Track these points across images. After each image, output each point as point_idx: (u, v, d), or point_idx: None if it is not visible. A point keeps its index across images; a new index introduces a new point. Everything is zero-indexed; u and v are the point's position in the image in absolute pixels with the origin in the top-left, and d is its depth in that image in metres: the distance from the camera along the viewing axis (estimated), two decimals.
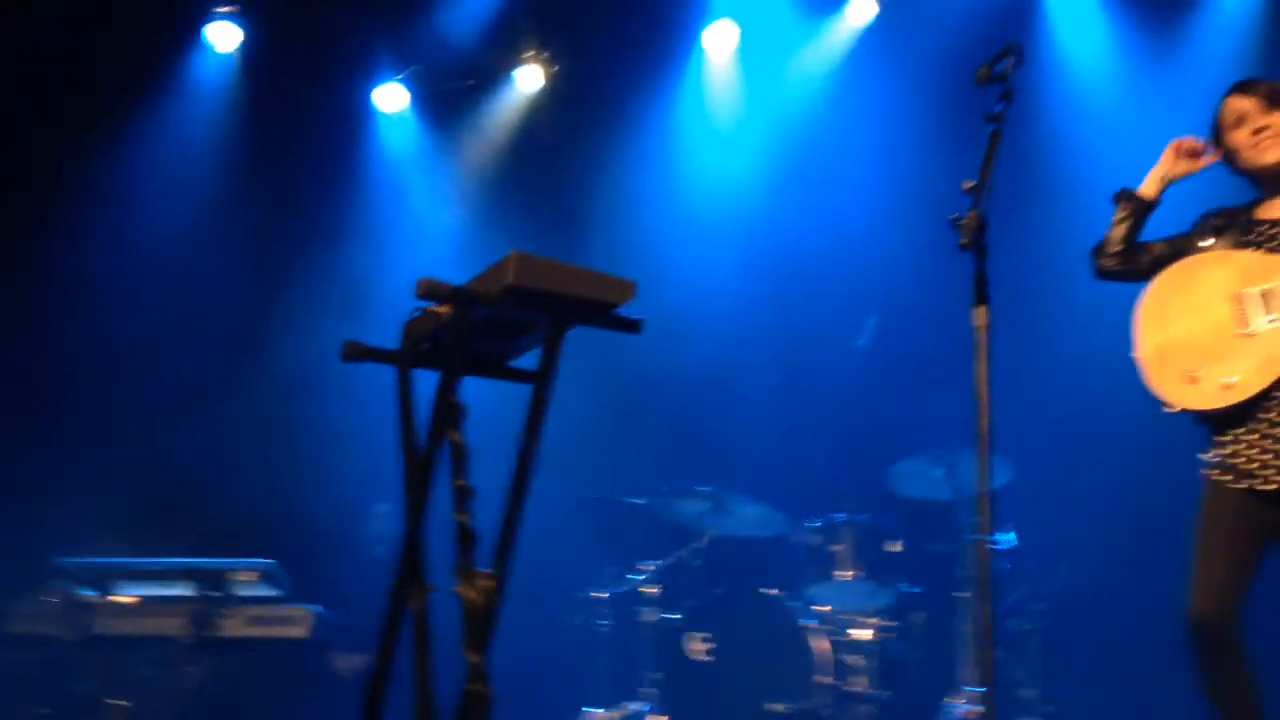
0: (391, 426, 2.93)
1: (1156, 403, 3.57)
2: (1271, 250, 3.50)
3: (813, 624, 5.75)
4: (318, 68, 7.47)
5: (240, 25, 7.36)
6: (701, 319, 6.87)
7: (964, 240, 3.08)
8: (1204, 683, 3.42)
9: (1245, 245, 3.56)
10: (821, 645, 5.70)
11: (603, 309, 2.81)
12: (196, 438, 6.98)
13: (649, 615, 6.06)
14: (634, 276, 2.84)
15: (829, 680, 5.63)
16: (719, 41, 7.27)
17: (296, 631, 5.72)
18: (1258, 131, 3.56)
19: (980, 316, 3.07)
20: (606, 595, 6.25)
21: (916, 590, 6.02)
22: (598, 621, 6.22)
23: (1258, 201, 3.64)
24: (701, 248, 7.10)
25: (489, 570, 2.74)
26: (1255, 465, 3.45)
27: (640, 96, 7.42)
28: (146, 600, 5.66)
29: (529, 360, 2.99)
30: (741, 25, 7.23)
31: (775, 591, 5.89)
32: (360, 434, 6.47)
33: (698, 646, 5.85)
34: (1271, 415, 3.44)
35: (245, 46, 7.41)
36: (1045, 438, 5.42)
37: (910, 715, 5.83)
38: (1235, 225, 3.62)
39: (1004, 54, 3.25)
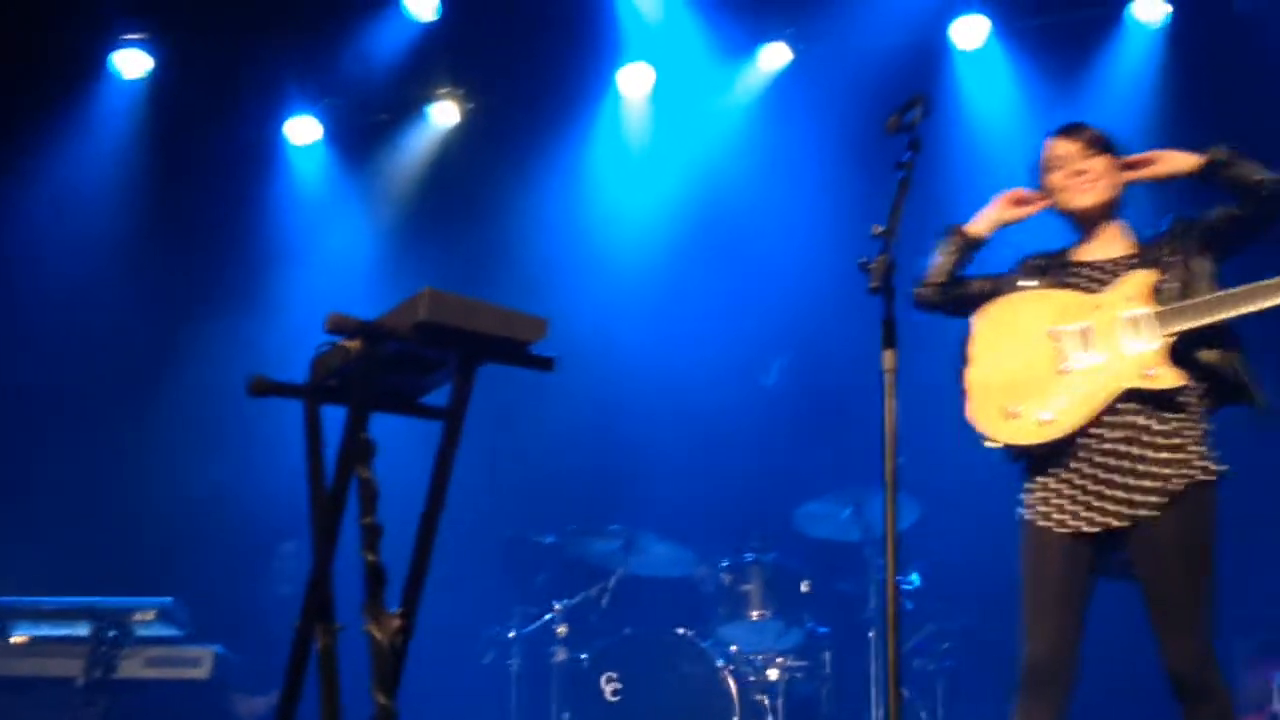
0: (298, 462, 2.89)
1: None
2: (1088, 290, 3.57)
3: (722, 663, 5.75)
4: (228, 97, 7.38)
5: (149, 52, 7.25)
6: (613, 357, 6.88)
7: (874, 284, 3.11)
8: None
9: (1065, 286, 3.62)
10: (731, 685, 5.70)
11: (515, 346, 2.80)
12: (95, 472, 6.83)
13: (559, 654, 6.03)
14: (546, 313, 2.84)
15: None
16: (634, 82, 7.32)
17: (197, 673, 5.58)
18: (1076, 175, 3.62)
19: (889, 359, 3.10)
20: (515, 635, 6.21)
21: (825, 630, 6.05)
22: (507, 661, 6.18)
23: (1076, 244, 3.70)
24: (614, 286, 7.12)
25: (398, 609, 2.70)
26: (1072, 506, 3.45)
27: (554, 134, 7.43)
28: (40, 641, 5.50)
29: (439, 396, 2.97)
30: (657, 67, 7.28)
31: (685, 631, 5.88)
32: (264, 470, 6.38)
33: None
34: (1089, 455, 3.44)
35: (154, 74, 7.29)
36: (951, 478, 5.49)
37: None
38: (1054, 267, 3.68)
39: (912, 104, 3.31)
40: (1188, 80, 6.62)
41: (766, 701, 5.77)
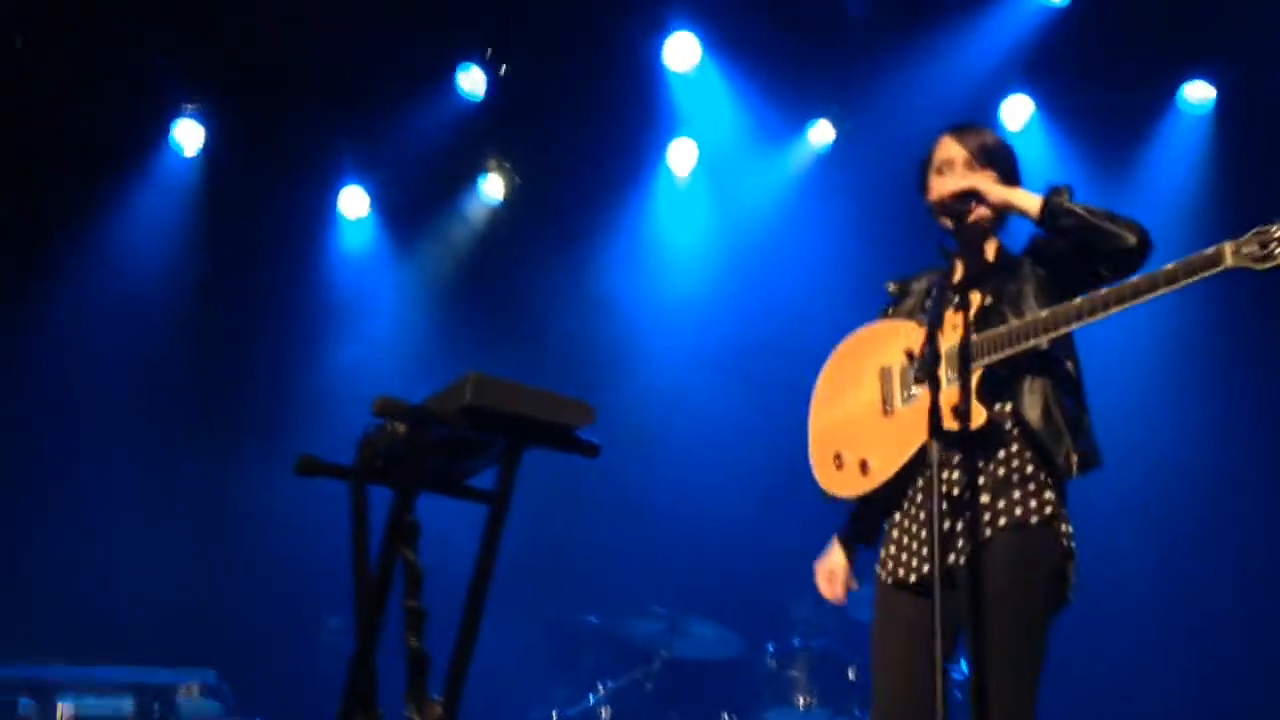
0: (344, 540, 2.89)
1: None
2: (923, 321, 3.22)
3: None
4: (282, 169, 7.48)
5: (202, 123, 7.35)
6: (661, 438, 6.87)
7: (919, 375, 3.08)
8: None
9: (920, 311, 3.34)
10: None
11: (561, 431, 2.79)
12: (143, 543, 6.86)
13: None
14: (590, 393, 2.83)
15: None
16: (681, 158, 7.37)
17: None
18: (956, 191, 3.23)
19: (934, 450, 2.87)
20: (558, 717, 6.15)
21: None
22: None
23: (951, 260, 3.29)
24: (663, 365, 7.12)
25: (440, 696, 2.68)
26: (906, 556, 3.20)
27: (600, 212, 7.49)
28: (85, 716, 5.50)
29: (485, 479, 2.96)
30: (701, 144, 7.32)
31: (730, 716, 5.81)
32: (312, 545, 6.39)
33: None
34: (917, 502, 3.19)
35: (210, 146, 7.38)
36: None
37: None
38: (916, 292, 3.42)
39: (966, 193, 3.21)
40: (1235, 160, 6.59)
41: None
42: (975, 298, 3.20)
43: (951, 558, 3.07)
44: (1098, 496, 3.85)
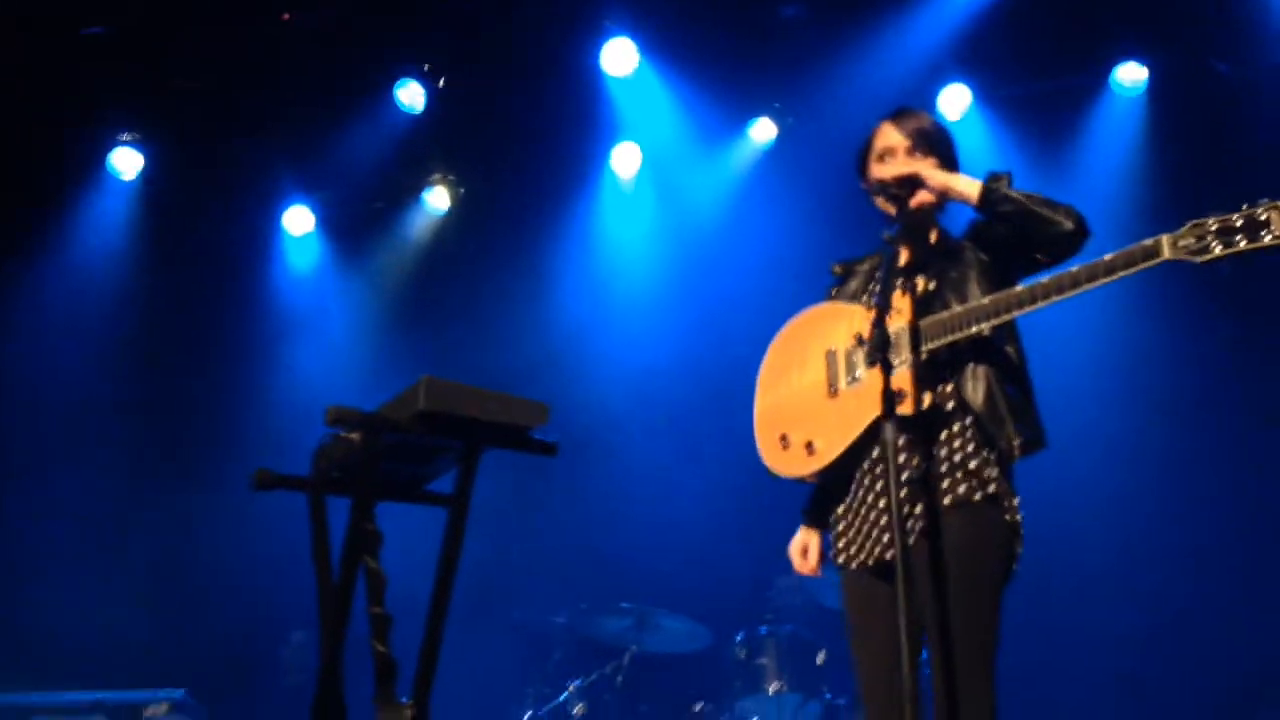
0: (304, 550, 2.90)
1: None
2: (872, 305, 3.27)
3: None
4: (223, 191, 7.48)
5: (141, 151, 7.34)
6: (616, 434, 6.90)
7: (868, 358, 3.10)
8: None
9: (864, 293, 3.40)
10: None
11: (516, 432, 2.81)
12: (103, 567, 6.82)
13: None
14: (546, 393, 2.86)
15: None
16: (625, 162, 7.41)
17: None
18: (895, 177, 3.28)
19: (889, 431, 2.90)
20: (530, 716, 6.17)
21: (843, 701, 6.00)
22: None
23: (895, 244, 3.26)
24: (617, 364, 7.15)
25: (409, 699, 2.70)
26: (858, 538, 3.24)
27: (546, 217, 7.53)
28: None
29: (444, 484, 2.98)
30: (645, 146, 7.37)
31: (702, 706, 5.84)
32: (271, 561, 6.37)
33: None
34: (865, 484, 3.23)
35: (147, 172, 7.38)
36: None
37: None
38: (861, 273, 3.47)
39: (905, 180, 3.25)
40: (1170, 143, 6.70)
41: None
42: (919, 283, 3.25)
43: (909, 539, 3.11)
44: (1051, 478, 3.89)
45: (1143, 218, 6.38)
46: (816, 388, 3.34)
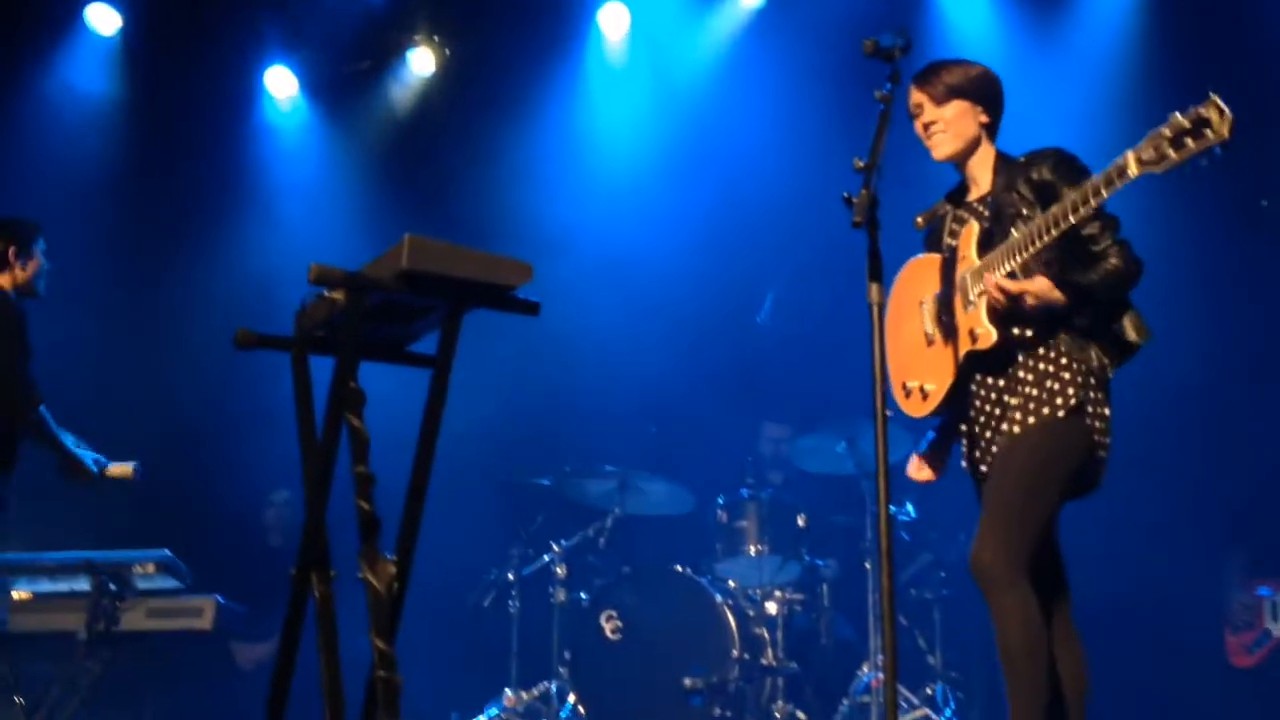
0: (288, 414, 2.90)
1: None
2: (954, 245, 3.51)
3: (720, 599, 5.80)
4: (204, 50, 7.31)
5: (119, 9, 7.17)
6: (601, 298, 6.88)
7: (857, 218, 3.10)
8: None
9: (949, 237, 3.58)
10: (730, 620, 5.74)
11: (499, 291, 2.79)
12: (86, 428, 6.83)
13: (559, 595, 6.09)
14: (532, 256, 2.83)
15: (739, 654, 5.68)
16: (613, 22, 7.25)
17: (199, 623, 5.64)
18: (927, 127, 3.54)
19: (874, 292, 3.10)
20: (514, 577, 6.26)
21: (822, 563, 6.10)
22: (507, 603, 6.23)
23: (963, 187, 3.63)
24: (599, 227, 7.10)
25: (393, 556, 2.72)
26: (971, 452, 3.53)
27: (532, 78, 7.38)
28: (42, 596, 5.54)
29: (428, 344, 2.97)
30: (633, 7, 7.21)
31: (683, 568, 5.93)
32: (255, 422, 6.39)
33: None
34: (975, 407, 3.49)
35: (127, 30, 7.21)
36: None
37: (821, 685, 5.92)
38: (939, 217, 3.66)
39: (895, 35, 3.29)
40: (1169, 30, 6.55)
41: (765, 635, 5.82)
42: (974, 226, 3.46)
43: (990, 459, 3.42)
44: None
45: (1132, 97, 6.25)
46: (916, 337, 3.62)
